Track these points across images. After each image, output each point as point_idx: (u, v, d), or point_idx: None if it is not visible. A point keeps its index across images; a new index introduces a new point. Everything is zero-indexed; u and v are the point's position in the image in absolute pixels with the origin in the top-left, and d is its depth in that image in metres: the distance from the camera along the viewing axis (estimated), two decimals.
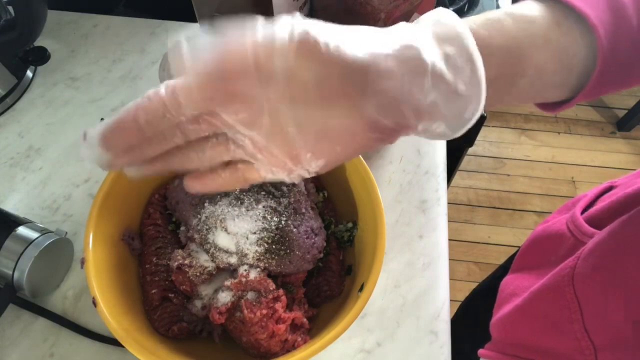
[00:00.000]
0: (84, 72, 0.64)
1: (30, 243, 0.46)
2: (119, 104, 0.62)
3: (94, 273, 0.40)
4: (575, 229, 0.45)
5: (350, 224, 0.49)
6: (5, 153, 0.58)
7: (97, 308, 0.39)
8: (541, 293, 0.43)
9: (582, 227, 0.44)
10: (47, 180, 0.57)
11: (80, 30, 0.68)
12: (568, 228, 0.46)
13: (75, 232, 0.53)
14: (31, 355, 0.47)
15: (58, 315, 0.48)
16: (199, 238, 0.44)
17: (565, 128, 1.86)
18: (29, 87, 0.63)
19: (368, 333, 0.49)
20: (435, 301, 0.50)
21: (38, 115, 0.61)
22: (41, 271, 0.46)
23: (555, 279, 0.41)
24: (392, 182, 0.56)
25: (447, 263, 0.52)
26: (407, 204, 0.55)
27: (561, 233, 0.46)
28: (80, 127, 0.60)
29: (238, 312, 0.42)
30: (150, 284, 0.45)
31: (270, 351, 0.42)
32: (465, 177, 1.74)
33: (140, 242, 0.47)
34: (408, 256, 0.53)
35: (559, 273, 0.41)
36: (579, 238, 0.44)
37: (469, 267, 1.54)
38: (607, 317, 0.37)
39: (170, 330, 0.43)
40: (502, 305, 0.50)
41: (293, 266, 0.44)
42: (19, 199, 0.55)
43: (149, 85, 0.63)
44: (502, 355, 0.47)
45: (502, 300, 0.51)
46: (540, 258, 0.49)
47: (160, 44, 0.66)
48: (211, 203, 0.45)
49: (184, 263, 0.43)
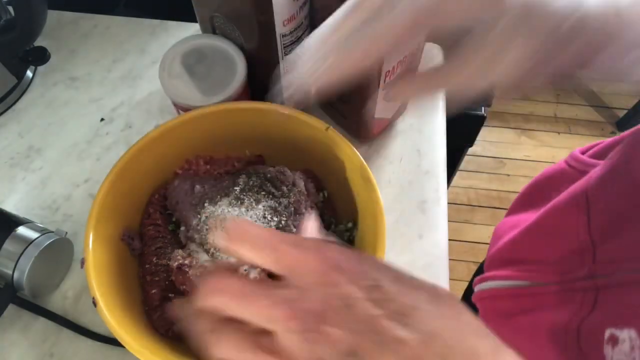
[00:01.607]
0: (84, 72, 0.64)
1: (30, 243, 0.46)
2: (119, 103, 0.62)
3: (94, 273, 0.40)
4: (577, 163, 0.45)
5: (350, 224, 0.49)
6: (5, 153, 0.58)
7: (97, 308, 0.39)
8: (548, 213, 0.45)
9: (585, 160, 0.45)
10: (47, 180, 0.57)
11: (80, 30, 0.68)
12: (568, 165, 0.46)
13: (75, 232, 0.53)
14: (31, 355, 0.47)
15: (58, 315, 0.48)
16: (199, 238, 0.44)
17: (565, 128, 1.86)
18: (29, 87, 0.63)
19: None
20: None
21: (38, 115, 0.61)
22: (41, 271, 0.46)
23: (565, 198, 0.43)
24: (392, 182, 0.56)
25: (447, 263, 0.52)
26: (407, 204, 0.55)
27: (561, 170, 0.47)
28: (80, 127, 0.60)
29: None
30: (150, 284, 0.45)
31: None
32: (465, 177, 1.74)
33: (140, 242, 0.47)
34: (408, 256, 0.52)
35: (568, 194, 0.43)
36: (582, 169, 0.44)
37: (469, 267, 1.54)
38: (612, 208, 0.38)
39: (170, 330, 0.43)
40: (497, 241, 0.50)
41: None
42: (19, 199, 0.55)
43: (149, 85, 0.63)
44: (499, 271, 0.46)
45: (497, 238, 0.51)
46: (540, 197, 0.49)
47: (160, 44, 0.66)
48: (211, 203, 0.45)
49: (184, 263, 0.43)
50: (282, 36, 0.47)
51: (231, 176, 0.49)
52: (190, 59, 0.50)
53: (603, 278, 0.37)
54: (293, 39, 0.48)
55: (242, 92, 0.50)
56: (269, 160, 0.53)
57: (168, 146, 0.47)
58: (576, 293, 0.40)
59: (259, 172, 0.47)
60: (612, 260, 0.37)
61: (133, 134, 0.60)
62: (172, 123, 0.46)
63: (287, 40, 0.48)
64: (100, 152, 0.58)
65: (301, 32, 0.49)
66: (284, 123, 0.48)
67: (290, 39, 0.48)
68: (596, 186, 0.41)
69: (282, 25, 0.46)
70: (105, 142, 0.59)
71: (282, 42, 0.48)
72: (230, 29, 0.50)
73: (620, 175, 0.40)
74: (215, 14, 0.49)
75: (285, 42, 0.48)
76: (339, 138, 0.46)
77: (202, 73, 0.49)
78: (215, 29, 0.51)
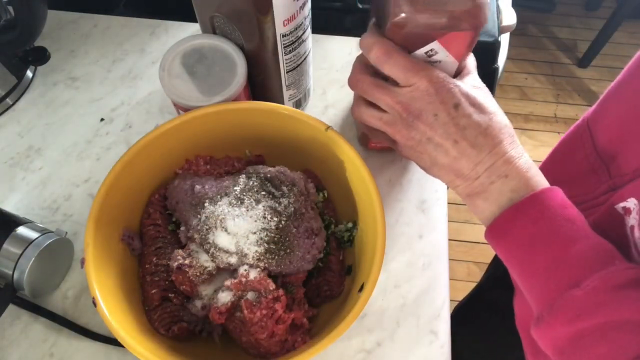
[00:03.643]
0: (84, 72, 0.64)
1: (30, 243, 0.46)
2: (119, 103, 0.62)
3: (94, 273, 0.40)
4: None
5: (350, 224, 0.49)
6: (5, 153, 0.58)
7: (97, 308, 0.39)
8: (557, 149, 0.54)
9: None
10: (47, 180, 0.57)
11: (80, 30, 0.68)
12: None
13: (75, 232, 0.53)
14: (31, 355, 0.47)
15: (58, 315, 0.48)
16: (199, 238, 0.44)
17: (565, 128, 1.86)
18: (29, 87, 0.63)
19: (368, 333, 0.49)
20: (435, 301, 0.50)
21: (38, 115, 0.61)
22: (41, 271, 0.46)
23: (570, 132, 0.52)
24: (392, 182, 0.56)
25: (447, 263, 0.52)
26: (407, 204, 0.55)
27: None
28: (80, 127, 0.60)
29: (238, 312, 0.42)
30: (150, 284, 0.45)
31: (270, 351, 0.42)
32: None
33: (140, 242, 0.47)
34: (408, 256, 0.52)
35: (573, 128, 0.52)
36: None
37: (469, 267, 1.55)
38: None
39: (170, 330, 0.43)
40: None
41: (293, 266, 0.44)
42: (19, 199, 0.55)
43: (149, 85, 0.63)
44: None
45: None
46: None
47: (160, 44, 0.66)
48: (211, 203, 0.45)
49: (184, 263, 0.43)
50: (282, 36, 0.47)
51: (231, 176, 0.49)
52: (190, 59, 0.50)
53: (621, 188, 0.39)
54: (293, 39, 0.48)
55: (242, 92, 0.50)
56: (269, 160, 0.53)
57: (168, 146, 0.47)
58: (599, 208, 0.42)
59: (259, 172, 0.47)
60: (626, 173, 0.41)
61: (133, 134, 0.60)
62: (172, 123, 0.46)
63: (287, 40, 0.48)
64: (100, 152, 0.58)
65: (301, 32, 0.49)
66: (284, 123, 0.48)
67: (290, 39, 0.48)
68: (595, 114, 0.48)
69: (282, 25, 0.46)
70: (105, 142, 0.59)
71: (282, 42, 0.48)
72: (230, 29, 0.50)
73: (618, 97, 0.45)
74: (215, 14, 0.49)
75: (285, 42, 0.48)
76: (339, 138, 0.46)
77: (202, 73, 0.49)
78: (215, 29, 0.51)
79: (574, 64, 1.95)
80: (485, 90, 0.40)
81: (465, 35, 0.37)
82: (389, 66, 0.38)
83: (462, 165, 0.38)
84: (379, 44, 0.38)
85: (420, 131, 0.38)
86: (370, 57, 0.39)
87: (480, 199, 0.38)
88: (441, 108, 0.37)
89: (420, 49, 0.38)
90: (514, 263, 0.38)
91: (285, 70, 0.52)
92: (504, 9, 0.74)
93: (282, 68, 0.51)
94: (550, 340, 0.36)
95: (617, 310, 0.32)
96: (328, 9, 0.72)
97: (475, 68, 0.42)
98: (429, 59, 0.39)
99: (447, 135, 0.37)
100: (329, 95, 0.62)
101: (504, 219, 0.37)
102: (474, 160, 0.37)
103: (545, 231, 0.35)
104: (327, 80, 0.63)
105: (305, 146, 0.49)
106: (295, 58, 0.51)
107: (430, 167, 0.41)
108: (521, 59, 1.96)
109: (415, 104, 0.38)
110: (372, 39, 0.38)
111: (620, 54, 1.94)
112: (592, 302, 0.32)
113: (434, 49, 0.38)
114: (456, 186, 0.40)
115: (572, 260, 0.34)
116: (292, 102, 0.57)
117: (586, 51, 1.90)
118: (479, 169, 0.37)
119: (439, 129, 0.37)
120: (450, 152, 0.38)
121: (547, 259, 0.35)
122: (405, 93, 0.38)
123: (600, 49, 1.85)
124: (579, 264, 0.34)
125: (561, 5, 2.04)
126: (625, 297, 0.32)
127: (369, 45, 0.38)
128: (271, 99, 0.54)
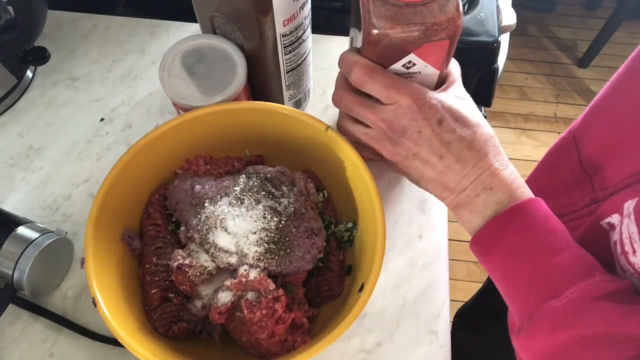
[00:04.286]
0: (84, 72, 0.64)
1: (30, 243, 0.46)
2: (119, 103, 0.62)
3: (94, 273, 0.40)
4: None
5: (350, 224, 0.49)
6: (5, 153, 0.58)
7: (97, 308, 0.39)
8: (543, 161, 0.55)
9: None
10: (47, 180, 0.57)
11: (80, 30, 0.68)
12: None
13: (75, 232, 0.53)
14: (31, 355, 0.47)
15: (58, 315, 0.48)
16: (199, 238, 0.44)
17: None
18: (29, 87, 0.63)
19: (368, 333, 0.49)
20: (435, 301, 0.50)
21: (38, 115, 0.61)
22: (41, 271, 0.46)
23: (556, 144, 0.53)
24: (392, 182, 0.56)
25: (447, 263, 0.52)
26: (407, 204, 0.55)
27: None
28: (80, 127, 0.60)
29: (238, 312, 0.42)
30: (150, 284, 0.45)
31: (270, 351, 0.42)
32: None
33: (140, 242, 0.47)
34: (408, 256, 0.52)
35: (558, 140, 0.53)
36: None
37: (469, 267, 1.55)
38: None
39: (170, 330, 0.43)
40: None
41: (293, 266, 0.44)
42: (19, 199, 0.55)
43: (149, 85, 0.63)
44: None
45: None
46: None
47: (160, 44, 0.66)
48: (211, 203, 0.45)
49: (184, 263, 0.43)
50: (282, 36, 0.47)
51: (231, 176, 0.49)
52: (190, 59, 0.50)
53: (604, 202, 0.40)
54: (293, 39, 0.48)
55: (242, 92, 0.50)
56: (269, 160, 0.53)
57: (168, 146, 0.47)
58: (583, 220, 0.43)
59: (259, 172, 0.47)
60: (607, 187, 0.41)
61: (133, 134, 0.60)
62: (172, 123, 0.46)
63: (287, 40, 0.48)
64: (100, 152, 0.58)
65: (301, 32, 0.49)
66: (284, 123, 0.48)
67: (290, 39, 0.48)
68: (580, 125, 0.49)
69: (282, 25, 0.46)
70: (105, 142, 0.59)
71: (282, 42, 0.48)
72: (230, 29, 0.50)
73: (603, 111, 0.45)
74: (215, 14, 0.49)
75: (285, 42, 0.48)
76: (339, 138, 0.46)
77: (202, 73, 0.49)
78: (215, 29, 0.51)
79: (574, 64, 1.95)
80: (470, 101, 0.40)
81: (441, 45, 0.37)
82: (370, 85, 0.38)
83: (449, 178, 0.38)
84: (358, 64, 0.38)
85: (406, 147, 0.39)
86: (351, 78, 0.39)
87: (466, 211, 0.39)
88: (425, 124, 0.37)
89: (398, 62, 0.38)
90: (498, 274, 0.38)
91: (285, 70, 0.52)
92: (504, 9, 0.74)
93: (282, 68, 0.51)
94: (530, 352, 0.36)
95: (593, 322, 0.32)
96: (328, 9, 0.72)
97: (460, 75, 0.42)
98: (408, 70, 0.39)
99: (432, 151, 0.38)
100: (329, 95, 0.62)
101: (488, 230, 0.37)
102: (460, 174, 0.38)
103: (527, 242, 0.36)
104: (327, 80, 0.63)
105: (305, 146, 0.49)
106: (295, 58, 0.51)
107: (418, 180, 0.42)
108: (521, 59, 1.96)
109: (399, 122, 0.38)
110: (351, 58, 0.39)
111: (620, 54, 1.94)
112: (570, 313, 0.32)
113: (411, 61, 0.38)
114: (444, 198, 0.40)
115: (553, 271, 0.34)
116: (292, 102, 0.57)
117: (586, 51, 1.90)
118: (464, 182, 0.38)
119: (424, 145, 0.38)
120: (436, 167, 0.38)
121: (529, 269, 0.35)
122: (388, 111, 0.38)
123: (600, 49, 1.85)
124: (559, 276, 0.34)
125: (561, 5, 2.04)
126: (603, 310, 0.32)
127: (349, 66, 0.39)
128: (271, 99, 0.54)
